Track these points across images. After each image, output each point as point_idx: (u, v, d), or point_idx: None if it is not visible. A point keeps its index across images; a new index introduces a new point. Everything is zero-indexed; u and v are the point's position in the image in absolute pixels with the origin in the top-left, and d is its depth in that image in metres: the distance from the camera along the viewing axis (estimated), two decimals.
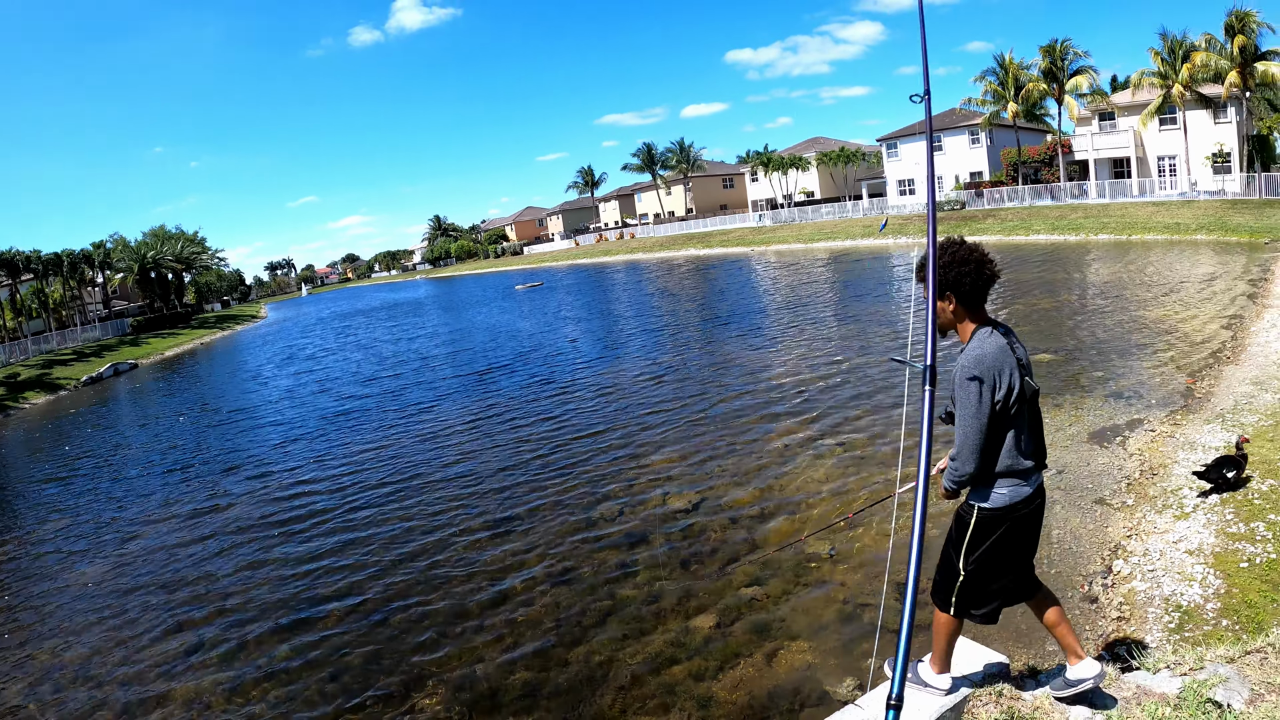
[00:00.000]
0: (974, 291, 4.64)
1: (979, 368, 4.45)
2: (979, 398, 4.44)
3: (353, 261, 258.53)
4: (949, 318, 4.74)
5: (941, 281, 4.63)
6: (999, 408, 4.48)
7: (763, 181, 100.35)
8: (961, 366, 4.53)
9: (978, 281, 4.62)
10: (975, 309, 4.70)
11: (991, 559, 4.75)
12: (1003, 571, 4.86)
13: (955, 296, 4.65)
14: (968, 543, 4.76)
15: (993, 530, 4.68)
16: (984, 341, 4.56)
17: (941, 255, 4.64)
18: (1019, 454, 4.58)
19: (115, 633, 10.46)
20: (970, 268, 4.60)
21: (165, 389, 40.93)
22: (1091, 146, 60.60)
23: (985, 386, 4.44)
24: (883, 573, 8.36)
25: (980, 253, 4.67)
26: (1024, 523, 4.74)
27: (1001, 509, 4.65)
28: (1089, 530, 8.58)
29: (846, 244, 64.26)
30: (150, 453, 22.62)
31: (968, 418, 4.49)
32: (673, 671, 7.46)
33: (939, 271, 4.59)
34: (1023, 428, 4.61)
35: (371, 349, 40.76)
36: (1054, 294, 26.19)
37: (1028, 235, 49.88)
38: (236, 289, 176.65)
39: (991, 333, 4.62)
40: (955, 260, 4.62)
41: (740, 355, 22.72)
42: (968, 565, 4.79)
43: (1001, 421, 4.53)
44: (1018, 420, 4.57)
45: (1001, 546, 4.72)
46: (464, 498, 13.49)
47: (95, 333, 74.02)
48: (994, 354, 4.48)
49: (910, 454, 11.88)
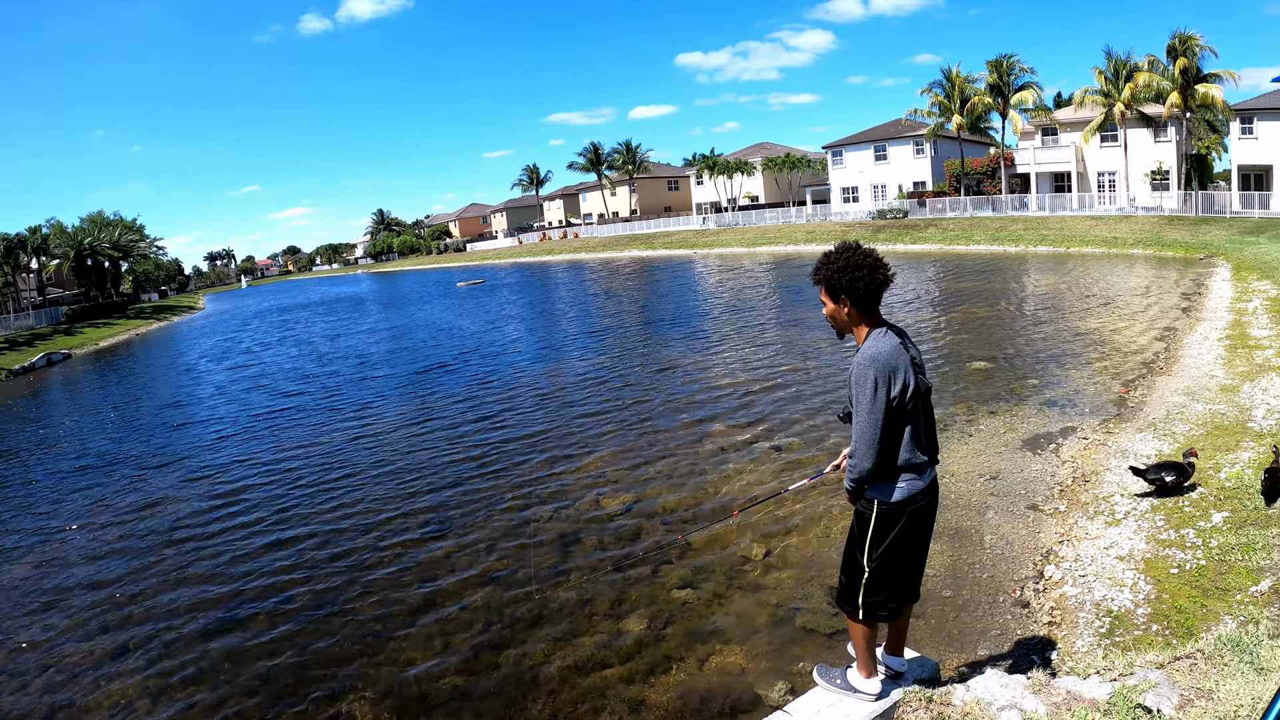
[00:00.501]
0: (868, 295, 4.71)
1: (874, 366, 4.56)
2: (874, 395, 4.56)
3: (294, 254, 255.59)
4: (844, 320, 4.84)
5: (836, 286, 4.74)
6: (895, 404, 4.60)
7: (708, 185, 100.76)
8: (857, 364, 4.65)
9: (871, 286, 4.68)
10: (869, 312, 4.78)
11: (893, 554, 4.86)
12: (903, 566, 4.99)
13: (850, 300, 4.73)
14: (870, 538, 4.88)
15: (893, 524, 4.80)
16: (878, 341, 4.67)
17: (836, 260, 4.75)
18: (915, 449, 4.72)
19: (38, 636, 10.07)
20: (864, 273, 4.67)
21: (99, 381, 39.93)
22: (1034, 160, 61.73)
23: (881, 384, 4.55)
24: (816, 576, 8.38)
25: (874, 258, 4.75)
26: (921, 515, 4.88)
27: (900, 503, 4.77)
28: (1021, 536, 8.67)
29: (789, 249, 64.70)
30: (78, 448, 21.90)
31: (864, 414, 4.60)
32: (604, 675, 7.37)
33: (834, 275, 4.73)
34: (918, 423, 4.74)
35: (309, 345, 40.04)
36: (992, 303, 26.61)
37: (968, 245, 50.57)
38: (175, 279, 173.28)
39: (886, 333, 4.72)
40: (850, 265, 4.70)
41: (681, 358, 22.75)
42: (872, 561, 4.90)
43: (898, 418, 4.65)
44: (913, 416, 4.70)
45: (902, 540, 4.85)
46: (396, 499, 13.27)
47: (29, 320, 72.19)
48: (888, 353, 4.60)
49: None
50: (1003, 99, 60.71)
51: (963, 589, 7.62)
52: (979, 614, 7.15)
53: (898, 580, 5.00)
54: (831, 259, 4.77)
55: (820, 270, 4.82)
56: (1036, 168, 61.76)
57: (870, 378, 4.55)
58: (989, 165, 65.90)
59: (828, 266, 4.77)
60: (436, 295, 64.26)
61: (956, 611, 7.19)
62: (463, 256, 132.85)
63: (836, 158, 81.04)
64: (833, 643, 7.13)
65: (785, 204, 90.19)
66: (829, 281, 4.76)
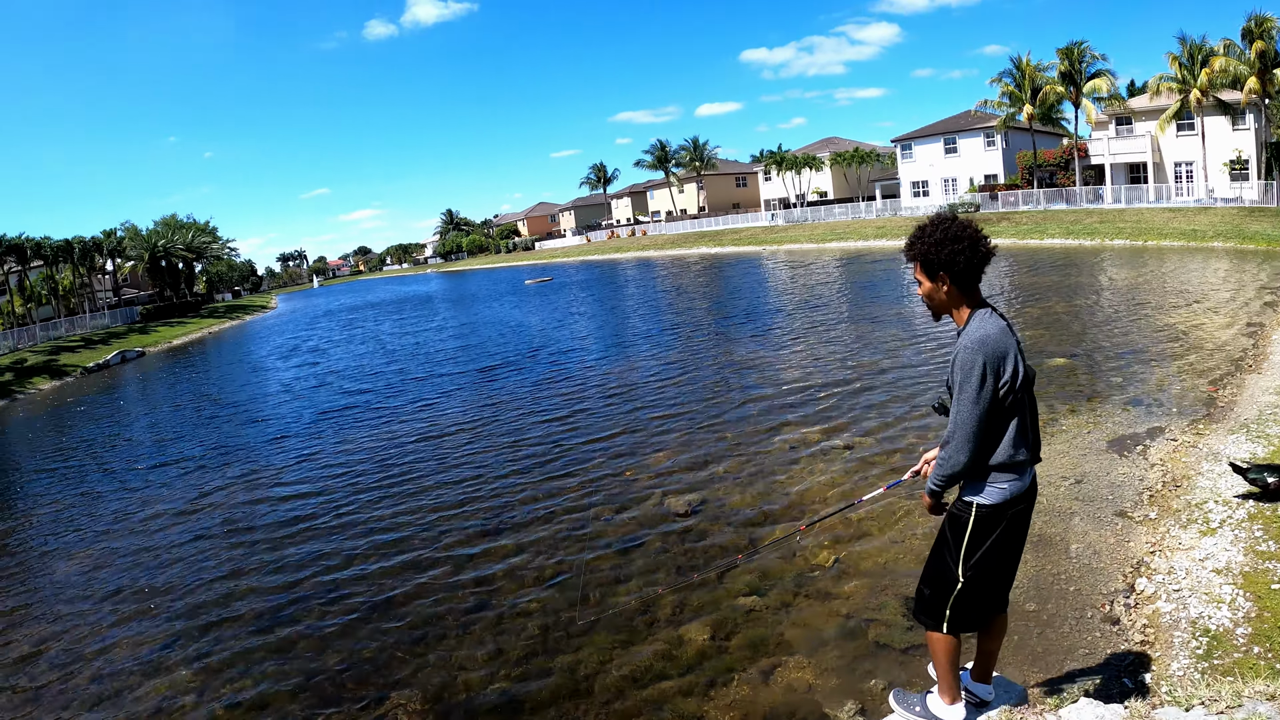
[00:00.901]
0: (969, 271, 4.26)
1: (983, 350, 4.10)
2: (981, 382, 4.09)
3: (364, 254, 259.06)
4: (942, 300, 4.38)
5: (934, 261, 4.29)
6: (1003, 393, 4.14)
7: (776, 181, 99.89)
8: (963, 348, 4.17)
9: (972, 260, 4.23)
10: (970, 290, 4.33)
11: (990, 562, 4.40)
12: (998, 575, 4.52)
13: (949, 276, 4.28)
14: (966, 544, 4.39)
15: (992, 528, 4.33)
16: (985, 322, 4.21)
17: (933, 232, 4.30)
18: (1020, 445, 4.25)
19: (90, 628, 10.09)
20: (964, 245, 4.22)
21: (170, 378, 40.68)
22: (1108, 151, 59.90)
23: (990, 370, 4.09)
24: (889, 585, 7.87)
25: (974, 230, 4.29)
26: (1020, 520, 4.41)
27: (1000, 505, 4.30)
28: (1109, 545, 8.02)
29: (859, 244, 63.67)
30: (145, 444, 22.27)
31: (967, 403, 4.12)
32: (662, 687, 6.97)
33: (931, 250, 4.28)
34: (1024, 416, 4.28)
35: (376, 342, 40.28)
36: (1069, 298, 25.58)
37: (1042, 239, 49.26)
38: (248, 279, 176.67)
39: (991, 314, 4.26)
40: (948, 238, 4.24)
41: (751, 355, 22.21)
42: (967, 571, 4.41)
43: (1004, 409, 4.19)
44: (1019, 408, 4.23)
45: (1000, 547, 4.38)
46: (456, 498, 13.04)
47: (104, 320, 73.95)
48: (997, 335, 4.15)
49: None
50: (1075, 87, 58.79)
51: (1048, 602, 7.03)
52: (1066, 630, 6.59)
53: (990, 590, 4.53)
54: (927, 231, 4.31)
55: (915, 244, 4.35)
56: (1111, 158, 59.82)
57: (978, 363, 4.08)
58: (1062, 156, 64.16)
59: (923, 240, 4.31)
60: (505, 293, 64.35)
61: (1041, 627, 6.64)
62: (531, 255, 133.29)
63: (905, 151, 79.75)
64: (907, 659, 6.63)
65: (854, 199, 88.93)
66: (925, 257, 4.30)
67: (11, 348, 55.93)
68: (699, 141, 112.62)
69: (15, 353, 53.74)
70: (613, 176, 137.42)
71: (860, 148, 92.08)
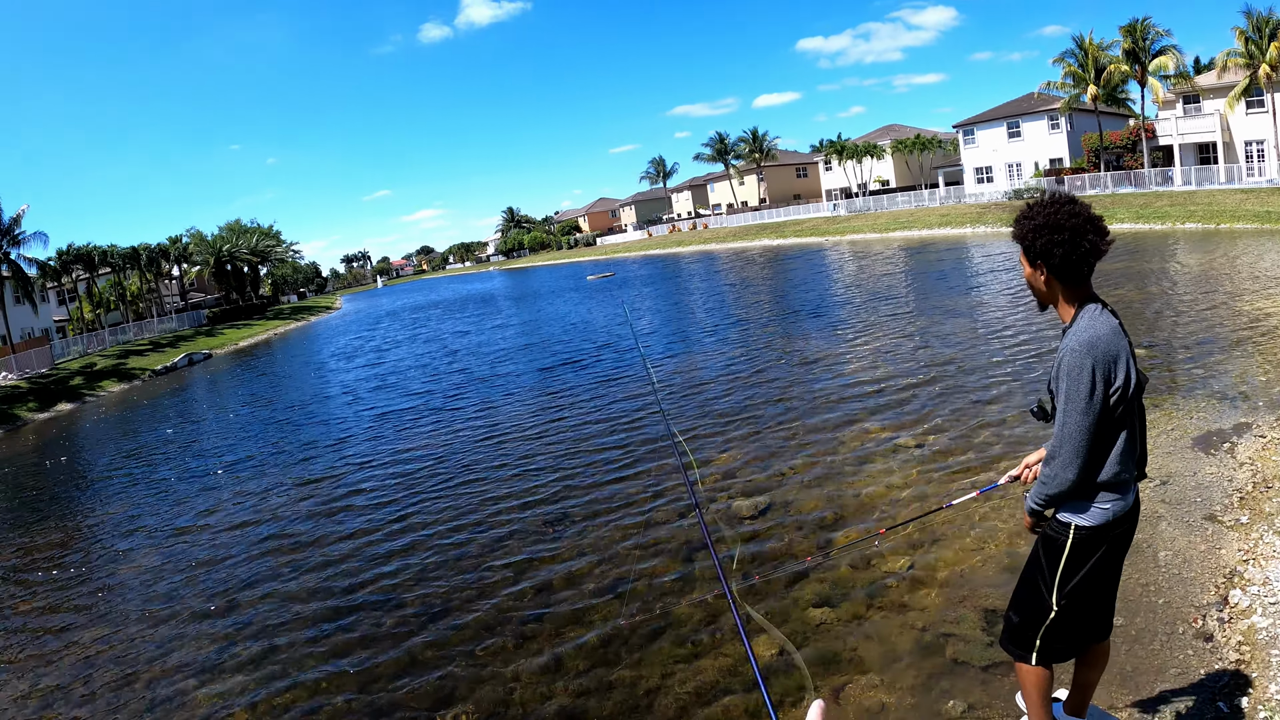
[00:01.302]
0: (1066, 266, 3.78)
1: (1092, 353, 3.64)
2: (1091, 390, 3.64)
3: (427, 253, 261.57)
4: (1042, 290, 3.96)
5: (1031, 249, 3.87)
6: (1114, 401, 3.69)
7: (837, 170, 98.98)
8: (1069, 350, 3.70)
9: (1072, 254, 3.74)
10: (1075, 283, 3.85)
11: (1087, 589, 3.98)
12: (1097, 603, 4.08)
13: (1045, 267, 3.84)
14: (1062, 570, 3.96)
15: (1091, 552, 3.89)
16: (1095, 321, 3.74)
17: (1034, 216, 3.85)
18: (1126, 461, 3.81)
19: (149, 632, 10.20)
20: (1064, 237, 3.73)
21: (235, 380, 41.33)
22: (1176, 131, 58.13)
23: (1100, 376, 3.64)
24: (968, 596, 7.43)
25: (1082, 219, 3.75)
26: (1121, 543, 3.99)
27: (1101, 527, 3.86)
28: (1199, 552, 7.37)
29: (923, 233, 62.64)
30: (209, 447, 22.60)
31: (1075, 413, 3.67)
32: (726, 704, 6.59)
33: (1029, 235, 3.86)
34: (1134, 428, 3.84)
35: (438, 342, 40.38)
36: (1142, 285, 24.54)
37: (1111, 224, 47.45)
38: (313, 281, 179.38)
39: (1102, 311, 3.79)
40: (1047, 225, 3.78)
41: (818, 350, 21.68)
42: (1061, 599, 3.98)
43: (1112, 420, 3.73)
44: (1129, 419, 3.79)
45: (1098, 573, 3.96)
46: (517, 500, 12.85)
47: (172, 324, 75.49)
48: (1108, 336, 3.69)
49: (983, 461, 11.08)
50: (1140, 66, 57.02)
51: (1136, 616, 6.47)
52: (1156, 647, 6.09)
53: (1086, 620, 4.08)
54: (1029, 214, 3.88)
55: (1017, 225, 3.94)
56: (1179, 139, 57.91)
57: (1087, 368, 3.63)
58: (1129, 138, 62.45)
59: (1023, 223, 3.90)
60: (567, 290, 64.34)
61: (1130, 643, 6.12)
62: (593, 251, 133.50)
63: (968, 137, 78.33)
64: (988, 678, 6.13)
65: (917, 187, 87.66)
66: (1024, 241, 3.89)
67: (81, 352, 57.18)
68: (758, 132, 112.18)
69: (85, 357, 54.93)
70: (672, 170, 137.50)
71: (921, 134, 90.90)
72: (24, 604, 12.29)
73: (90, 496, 19.07)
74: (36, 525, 16.98)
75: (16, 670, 9.82)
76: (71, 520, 16.90)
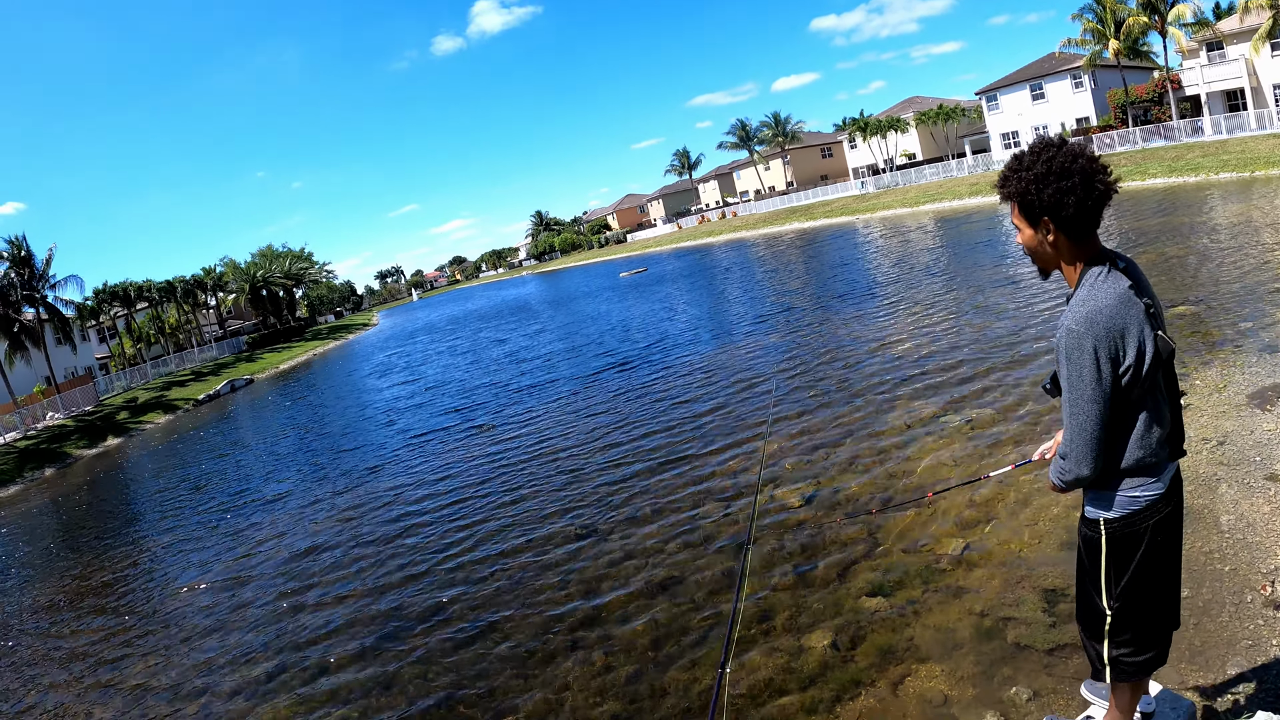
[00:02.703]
0: (1081, 216, 3.25)
1: (1092, 330, 3.17)
2: (1095, 374, 3.19)
3: (460, 263, 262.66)
4: (1047, 253, 3.41)
5: (1033, 203, 3.30)
6: (1126, 381, 3.22)
7: (861, 148, 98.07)
8: (1067, 329, 3.23)
9: (1085, 200, 3.22)
10: (1084, 239, 3.33)
11: (1141, 585, 3.51)
12: (1157, 596, 3.58)
13: (1054, 222, 3.29)
14: (1105, 571, 3.53)
15: (1134, 546, 3.45)
16: (1097, 289, 3.25)
17: (1032, 163, 3.29)
18: (1151, 443, 3.33)
19: (199, 655, 10.44)
20: (1074, 182, 3.20)
21: (275, 404, 41.61)
22: (1201, 80, 56.69)
23: (1105, 356, 3.18)
24: (1026, 577, 7.11)
25: (1087, 157, 3.25)
26: (1166, 526, 3.48)
27: (1134, 516, 3.42)
28: (1263, 515, 6.97)
29: (954, 204, 61.77)
30: (252, 473, 22.92)
31: (1080, 401, 3.24)
32: (782, 703, 6.39)
33: (1029, 187, 3.29)
34: (1158, 405, 3.34)
35: (476, 353, 40.16)
36: (1183, 240, 23.72)
37: (1144, 180, 47.02)
38: (348, 299, 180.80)
39: (1108, 273, 3.28)
40: (1053, 171, 3.22)
41: (857, 330, 21.30)
42: (1114, 600, 3.54)
43: (1128, 401, 3.27)
44: (1149, 397, 3.31)
45: (1150, 565, 3.48)
46: (562, 501, 12.81)
47: (212, 352, 76.41)
48: (1112, 306, 3.19)
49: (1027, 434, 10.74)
50: (1159, 16, 55.66)
51: (1201, 586, 6.13)
52: (1224, 619, 5.66)
53: (1153, 614, 3.60)
54: (1025, 163, 3.31)
55: (1011, 179, 3.37)
56: (1205, 87, 56.31)
57: (1087, 349, 3.17)
58: (1154, 91, 60.95)
59: (1021, 174, 3.32)
60: (601, 289, 64.09)
61: (1197, 615, 5.74)
62: (624, 248, 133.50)
63: (991, 103, 77.20)
64: (1052, 661, 5.83)
65: (944, 158, 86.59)
66: (1023, 197, 3.32)
67: (125, 387, 58.02)
68: (779, 116, 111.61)
69: (128, 392, 55.63)
70: (697, 161, 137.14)
71: (944, 104, 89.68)
72: (80, 633, 12.60)
73: (139, 529, 19.37)
74: (89, 558, 17.30)
75: (73, 693, 10.22)
76: (122, 553, 17.09)
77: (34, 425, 46.14)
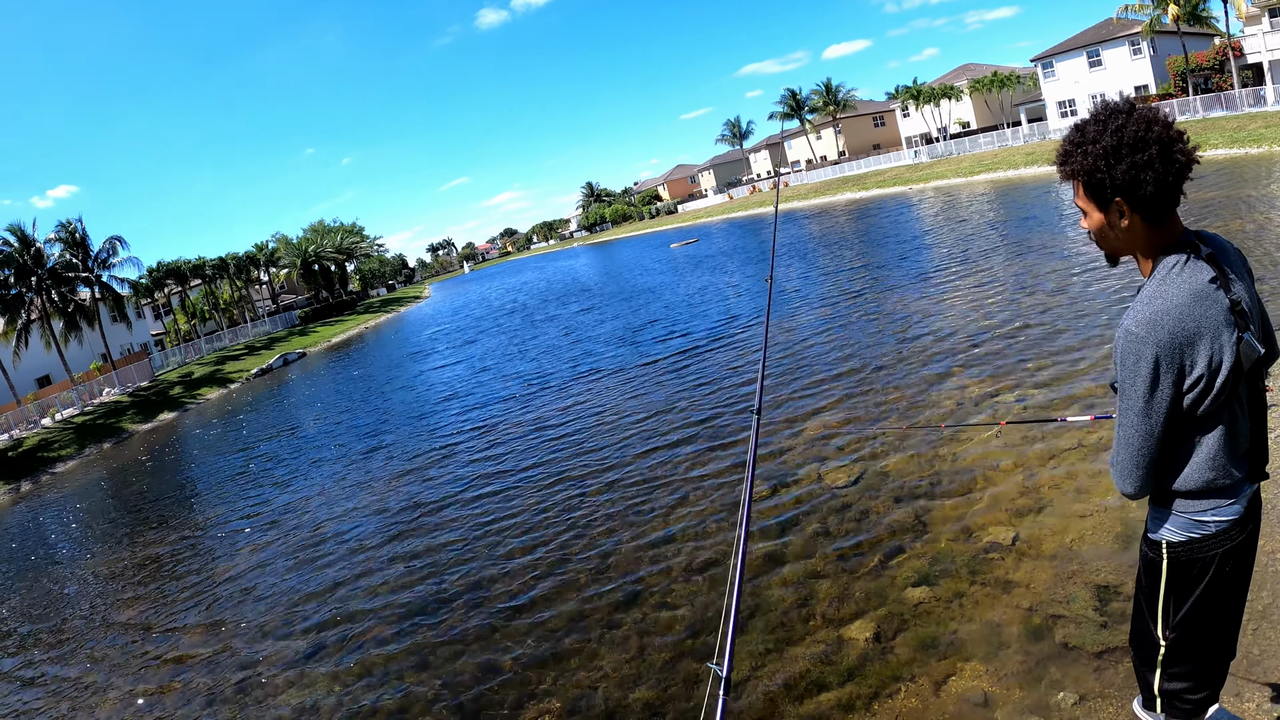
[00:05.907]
0: (1161, 195, 2.70)
1: (1154, 336, 2.68)
2: (1150, 387, 2.72)
3: (511, 235, 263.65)
4: (1119, 239, 2.89)
5: (1102, 183, 2.76)
6: (1193, 396, 2.75)
7: (915, 116, 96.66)
8: (1126, 331, 2.75)
9: (1165, 176, 2.67)
10: (1163, 220, 2.79)
11: (1202, 615, 3.06)
12: (1218, 629, 3.14)
13: (1129, 203, 2.75)
14: (1164, 597, 3.08)
15: (1199, 573, 2.99)
16: (1166, 285, 2.73)
17: (1099, 135, 2.74)
18: (1224, 463, 2.85)
19: (242, 629, 10.79)
20: (1150, 155, 2.66)
21: (327, 377, 42.07)
22: (1264, 46, 54.58)
23: (1167, 368, 2.70)
24: (1077, 571, 6.74)
25: (1162, 125, 2.70)
26: (1237, 555, 2.99)
27: (1201, 542, 2.94)
28: None
29: (1009, 174, 60.54)
30: (301, 449, 23.28)
31: (1132, 414, 2.80)
32: (819, 699, 6.17)
33: (1097, 164, 2.74)
34: (1235, 420, 2.85)
35: (527, 329, 39.97)
36: (1249, 213, 22.48)
37: (1205, 150, 43.94)
38: (400, 272, 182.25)
39: (1185, 263, 2.75)
40: (1125, 143, 2.68)
41: (910, 304, 20.78)
42: (1170, 629, 3.10)
43: (1195, 417, 2.80)
44: (1225, 412, 2.81)
45: (1213, 594, 3.02)
46: (604, 480, 12.75)
47: (265, 327, 77.46)
48: (1181, 307, 2.69)
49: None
50: None
51: (1261, 589, 5.46)
52: None
53: (1212, 649, 3.19)
54: (1089, 134, 2.77)
55: (1073, 155, 2.82)
56: (1269, 55, 54.00)
57: (1146, 358, 2.70)
58: (1215, 58, 58.98)
59: (1084, 148, 2.77)
60: (650, 261, 63.68)
61: (1256, 620, 5.21)
62: (675, 218, 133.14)
63: (1047, 69, 75.42)
64: (1102, 665, 5.48)
65: (999, 126, 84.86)
66: (1090, 175, 2.77)
67: (180, 362, 58.96)
68: (831, 84, 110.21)
69: (183, 367, 56.45)
70: (748, 131, 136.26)
71: (999, 72, 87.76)
72: (128, 607, 13.06)
73: (188, 504, 19.84)
74: (144, 533, 17.78)
75: (120, 671, 10.59)
76: (175, 528, 17.50)
77: (90, 401, 47.00)
